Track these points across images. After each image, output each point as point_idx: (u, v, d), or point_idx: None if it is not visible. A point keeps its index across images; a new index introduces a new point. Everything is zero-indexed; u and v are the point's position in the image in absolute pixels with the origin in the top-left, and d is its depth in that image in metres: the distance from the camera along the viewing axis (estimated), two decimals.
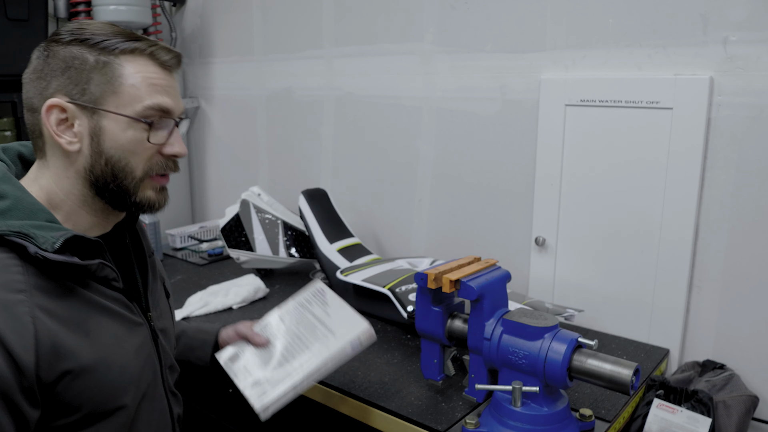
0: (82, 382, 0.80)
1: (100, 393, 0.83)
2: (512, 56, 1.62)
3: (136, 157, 0.86)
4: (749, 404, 1.24)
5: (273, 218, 1.89)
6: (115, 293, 0.88)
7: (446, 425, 1.11)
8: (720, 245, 1.37)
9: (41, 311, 0.77)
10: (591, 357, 1.02)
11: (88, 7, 2.21)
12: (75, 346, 0.79)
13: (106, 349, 0.84)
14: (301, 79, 2.13)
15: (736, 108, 1.31)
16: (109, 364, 0.84)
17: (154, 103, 0.85)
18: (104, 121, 0.84)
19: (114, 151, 0.85)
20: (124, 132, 0.84)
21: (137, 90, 0.84)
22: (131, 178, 0.87)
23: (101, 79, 0.83)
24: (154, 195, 0.90)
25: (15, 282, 0.76)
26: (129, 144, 0.85)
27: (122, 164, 0.86)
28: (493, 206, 1.73)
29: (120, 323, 0.88)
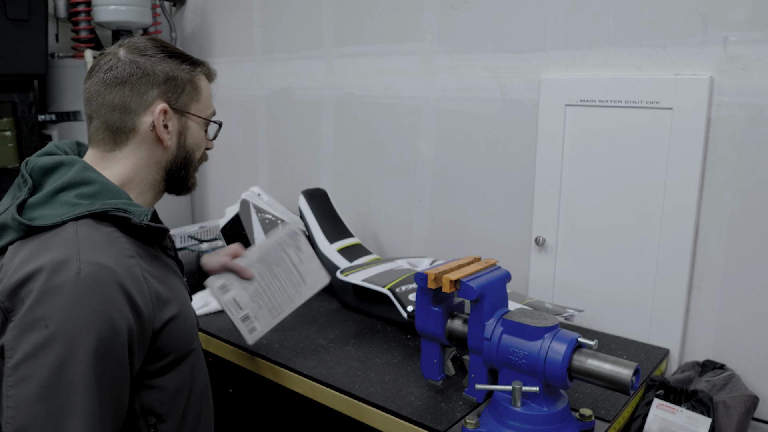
0: (175, 327, 0.95)
1: (183, 337, 0.98)
2: (512, 56, 1.62)
3: (199, 151, 1.09)
4: (749, 404, 1.24)
5: (273, 218, 1.89)
6: (169, 259, 1.04)
7: (446, 425, 1.11)
8: (720, 245, 1.37)
9: (146, 272, 0.92)
10: (591, 357, 1.02)
11: (88, 7, 2.21)
12: (168, 297, 0.95)
13: (182, 300, 1.00)
14: (301, 79, 2.13)
15: (736, 108, 1.31)
16: (186, 313, 1.00)
17: (213, 109, 1.10)
18: (189, 123, 1.05)
19: (192, 146, 1.06)
20: (199, 131, 1.07)
21: (208, 99, 1.08)
22: (194, 167, 1.09)
23: (190, 90, 1.04)
24: (195, 181, 1.12)
25: (126, 250, 0.90)
26: (201, 141, 1.08)
27: (193, 156, 1.07)
28: (493, 206, 1.73)
29: (179, 281, 1.05)
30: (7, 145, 2.11)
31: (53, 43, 2.29)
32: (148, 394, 0.93)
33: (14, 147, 2.12)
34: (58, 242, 0.85)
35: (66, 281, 0.81)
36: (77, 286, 0.81)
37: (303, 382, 1.29)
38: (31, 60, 2.07)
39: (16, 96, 2.09)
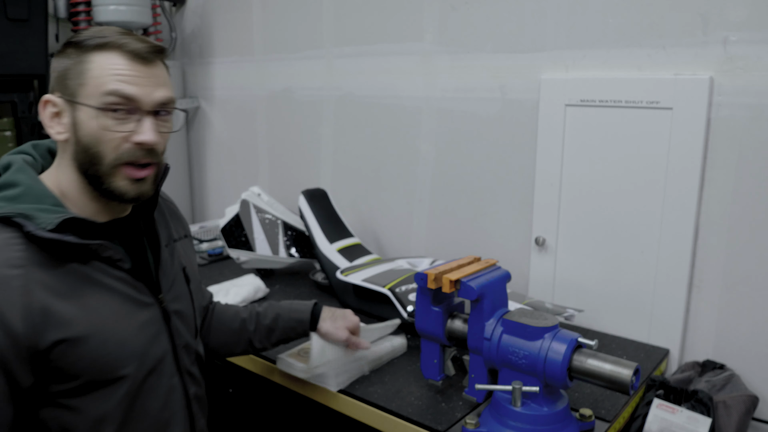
0: (77, 350, 0.88)
1: (98, 362, 0.90)
2: (512, 56, 1.62)
3: (105, 145, 0.91)
4: (749, 404, 1.24)
5: (273, 218, 1.89)
6: (120, 273, 0.95)
7: (446, 425, 1.11)
8: (720, 245, 1.37)
9: (37, 284, 0.85)
10: (591, 357, 1.02)
11: (88, 7, 2.21)
12: (69, 317, 0.87)
13: (103, 322, 0.91)
14: (301, 79, 2.13)
15: (736, 108, 1.31)
16: (106, 336, 0.90)
17: (112, 89, 0.90)
18: (79, 112, 0.91)
19: (87, 139, 0.91)
20: (92, 121, 0.90)
21: (100, 80, 0.90)
22: (102, 165, 0.92)
23: (75, 74, 0.91)
24: (126, 185, 0.94)
25: (14, 258, 0.85)
26: (97, 132, 0.91)
27: (93, 151, 0.91)
28: (493, 206, 1.73)
29: (123, 301, 0.94)
30: (7, 145, 2.11)
31: (53, 43, 2.29)
32: (64, 414, 0.90)
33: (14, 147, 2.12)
34: None
35: None
36: None
37: (303, 383, 1.29)
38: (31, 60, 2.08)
39: (16, 96, 2.09)
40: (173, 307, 1.04)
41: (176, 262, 1.09)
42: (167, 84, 0.97)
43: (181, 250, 1.13)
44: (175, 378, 1.02)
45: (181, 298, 1.07)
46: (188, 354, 1.07)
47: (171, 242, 1.10)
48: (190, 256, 1.17)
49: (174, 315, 1.04)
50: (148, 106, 0.93)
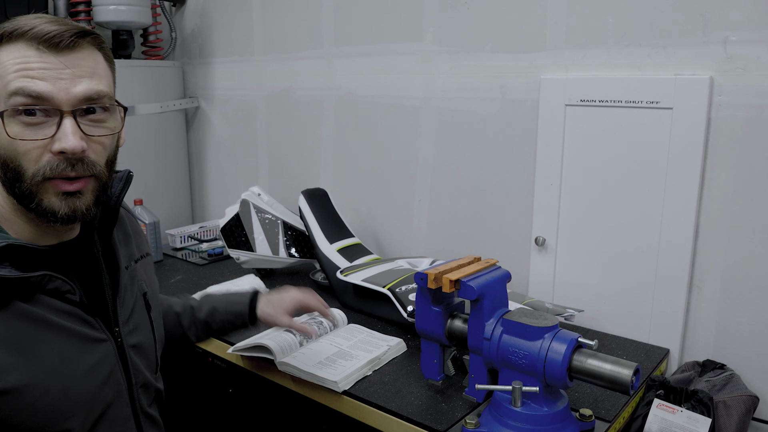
0: (11, 403, 0.75)
1: (36, 416, 0.77)
2: (512, 56, 1.62)
3: (23, 157, 0.74)
4: (749, 404, 1.24)
5: (273, 218, 1.89)
6: (69, 307, 0.81)
7: (446, 425, 1.11)
8: (720, 245, 1.37)
9: None
10: (591, 357, 1.02)
11: (88, 7, 2.21)
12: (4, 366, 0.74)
13: (46, 369, 0.78)
14: (301, 79, 2.13)
15: (736, 108, 1.31)
16: (47, 386, 0.77)
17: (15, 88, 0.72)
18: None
19: (4, 152, 0.75)
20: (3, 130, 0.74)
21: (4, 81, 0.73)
22: (24, 182, 0.76)
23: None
24: (56, 201, 0.77)
25: None
26: (10, 143, 0.74)
27: (13, 166, 0.75)
28: (493, 206, 1.73)
29: (71, 340, 0.81)
30: None
31: None
32: None
33: None
34: None
35: None
36: None
37: (303, 382, 1.29)
38: None
39: None
40: (131, 341, 0.91)
41: (136, 288, 0.95)
42: (96, 74, 0.78)
43: (143, 271, 0.99)
44: (129, 423, 0.90)
45: (141, 329, 0.94)
46: (146, 393, 0.94)
47: (131, 264, 0.96)
48: (151, 278, 1.03)
49: (131, 350, 0.91)
50: (68, 104, 0.75)
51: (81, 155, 0.76)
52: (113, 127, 0.82)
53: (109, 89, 0.81)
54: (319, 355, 1.32)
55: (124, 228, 0.98)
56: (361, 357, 1.31)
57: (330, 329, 1.46)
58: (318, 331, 1.43)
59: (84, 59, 0.77)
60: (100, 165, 0.80)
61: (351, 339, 1.41)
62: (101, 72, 0.80)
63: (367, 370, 1.29)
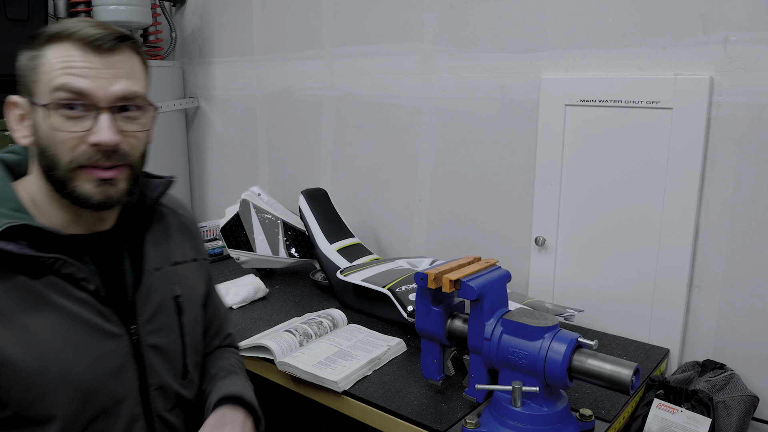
0: (7, 376, 0.78)
1: (29, 394, 0.79)
2: (512, 56, 1.62)
3: (60, 146, 0.81)
4: (749, 404, 1.24)
5: (273, 218, 1.89)
6: (84, 295, 0.84)
7: (446, 425, 1.11)
8: (720, 245, 1.37)
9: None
10: (591, 357, 1.02)
11: (88, 7, 2.21)
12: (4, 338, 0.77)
13: (45, 348, 0.80)
14: (301, 79, 2.13)
15: (736, 108, 1.31)
16: (44, 365, 0.79)
17: (59, 84, 0.80)
18: (36, 113, 0.83)
19: (44, 141, 0.82)
20: (45, 121, 0.81)
21: (50, 76, 0.81)
22: (59, 169, 0.82)
23: (30, 71, 0.83)
24: (90, 188, 0.83)
25: None
26: (50, 133, 0.81)
27: (50, 154, 0.82)
28: (493, 206, 1.73)
29: (79, 327, 0.83)
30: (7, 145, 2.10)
31: None
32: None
33: None
34: None
35: None
36: None
37: (303, 383, 1.29)
38: None
39: None
40: (150, 341, 0.90)
41: (166, 290, 0.95)
42: (132, 76, 0.85)
43: (183, 276, 0.99)
44: (138, 423, 0.89)
45: (165, 332, 0.93)
46: (164, 397, 0.92)
47: (166, 266, 0.97)
48: (194, 284, 1.02)
49: (150, 350, 0.90)
50: (105, 101, 0.82)
51: (115, 148, 0.83)
52: (145, 124, 0.88)
53: (144, 90, 0.88)
54: (319, 355, 1.32)
55: (167, 231, 1.00)
56: (361, 357, 1.31)
57: (330, 329, 1.46)
58: (318, 330, 1.43)
59: (123, 61, 0.84)
60: (134, 155, 0.87)
61: (351, 339, 1.41)
62: (137, 74, 0.87)
63: (367, 370, 1.29)
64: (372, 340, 1.40)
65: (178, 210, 1.05)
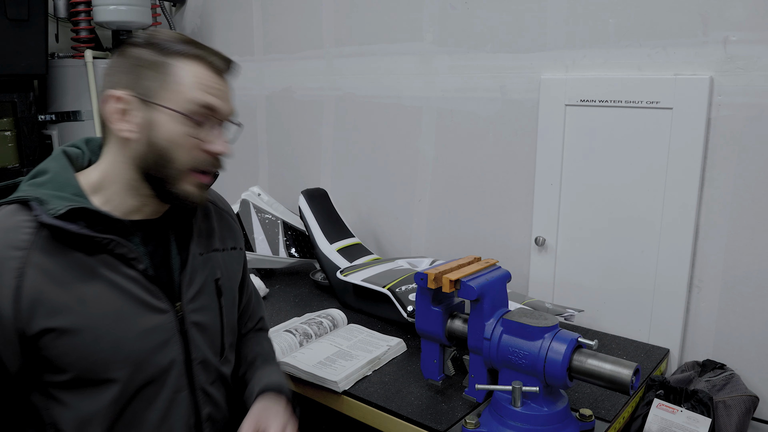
0: (66, 342, 0.86)
1: (87, 360, 0.87)
2: (512, 56, 1.62)
3: (180, 149, 0.92)
4: (749, 404, 1.24)
5: (273, 218, 1.89)
6: (134, 273, 0.92)
7: (446, 425, 1.11)
8: (720, 245, 1.37)
9: (35, 269, 0.84)
10: (591, 357, 1.02)
11: (88, 7, 2.21)
12: (63, 307, 0.85)
13: (100, 319, 0.88)
14: (301, 79, 2.13)
15: (736, 108, 1.31)
16: (99, 334, 0.88)
17: (200, 100, 0.93)
18: (156, 114, 0.91)
19: (162, 142, 0.91)
20: (172, 125, 0.91)
21: (187, 89, 0.92)
22: (172, 169, 0.92)
23: (154, 76, 0.91)
24: (192, 189, 0.95)
25: (19, 241, 0.85)
26: (176, 137, 0.91)
27: (165, 154, 0.92)
28: (493, 206, 1.73)
29: (129, 301, 0.91)
30: (7, 145, 2.11)
31: (53, 43, 2.29)
32: (53, 406, 0.90)
33: (14, 147, 2.12)
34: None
35: None
36: None
37: (303, 382, 1.29)
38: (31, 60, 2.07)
39: (16, 96, 2.09)
40: (194, 318, 0.98)
41: (208, 273, 1.03)
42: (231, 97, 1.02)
43: (223, 262, 1.08)
44: (182, 393, 0.96)
45: (207, 311, 1.02)
46: (206, 371, 1.00)
47: (210, 251, 1.05)
48: (233, 270, 1.11)
49: (193, 326, 0.98)
50: (222, 117, 0.97)
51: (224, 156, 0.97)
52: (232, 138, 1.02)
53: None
54: (319, 355, 1.32)
55: (210, 221, 1.10)
56: (361, 357, 1.31)
57: (330, 329, 1.46)
58: (318, 330, 1.43)
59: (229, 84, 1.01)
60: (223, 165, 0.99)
61: (351, 339, 1.41)
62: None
63: (367, 370, 1.29)
64: (372, 340, 1.40)
65: (219, 203, 1.15)
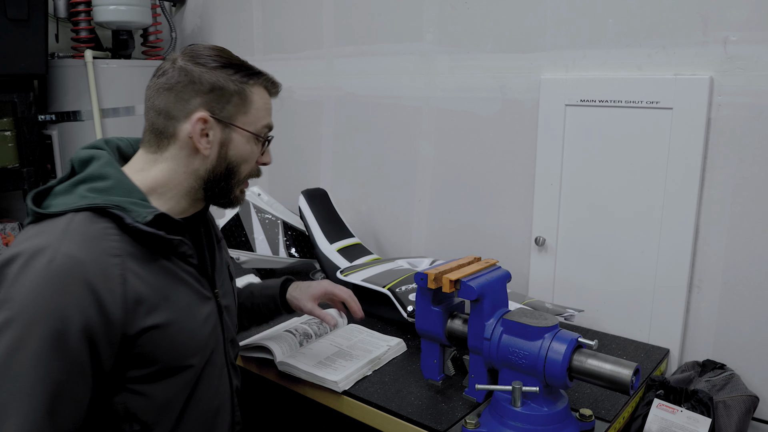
0: (160, 338, 0.94)
1: (174, 350, 0.96)
2: (512, 56, 1.62)
3: (246, 164, 1.07)
4: (749, 404, 1.24)
5: (273, 218, 1.89)
6: (190, 268, 1.01)
7: (446, 425, 1.11)
8: (720, 245, 1.37)
9: (131, 274, 0.90)
10: (591, 357, 1.02)
11: (88, 7, 2.21)
12: (157, 306, 0.93)
13: (181, 313, 0.97)
14: (301, 79, 2.13)
15: (736, 108, 1.31)
16: (182, 326, 0.97)
17: (267, 123, 1.09)
18: (233, 134, 1.03)
19: (235, 159, 1.04)
20: (246, 144, 1.05)
21: (259, 113, 1.07)
22: (236, 181, 1.06)
23: (238, 102, 1.03)
24: (241, 196, 1.10)
25: (113, 248, 0.90)
26: (248, 154, 1.06)
27: (235, 168, 1.05)
28: (493, 206, 1.73)
29: (193, 294, 1.01)
30: (7, 145, 2.10)
31: (53, 43, 2.29)
32: (132, 399, 0.94)
33: (14, 147, 2.12)
34: (48, 230, 0.88)
35: (38, 268, 0.83)
36: (45, 275, 0.83)
37: (303, 383, 1.29)
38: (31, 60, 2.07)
39: (16, 96, 2.09)
40: (224, 302, 1.11)
41: (224, 260, 1.18)
42: None
43: (225, 248, 1.23)
44: (224, 369, 1.09)
45: (229, 294, 1.16)
46: (233, 348, 1.15)
47: (219, 241, 1.19)
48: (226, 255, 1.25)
49: (225, 310, 1.11)
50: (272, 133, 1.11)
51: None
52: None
53: None
54: (319, 355, 1.32)
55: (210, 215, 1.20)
56: (361, 357, 1.31)
57: (330, 329, 1.46)
58: (318, 330, 1.43)
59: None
60: None
61: (351, 339, 1.41)
62: None
63: (367, 370, 1.29)
64: (372, 340, 1.40)
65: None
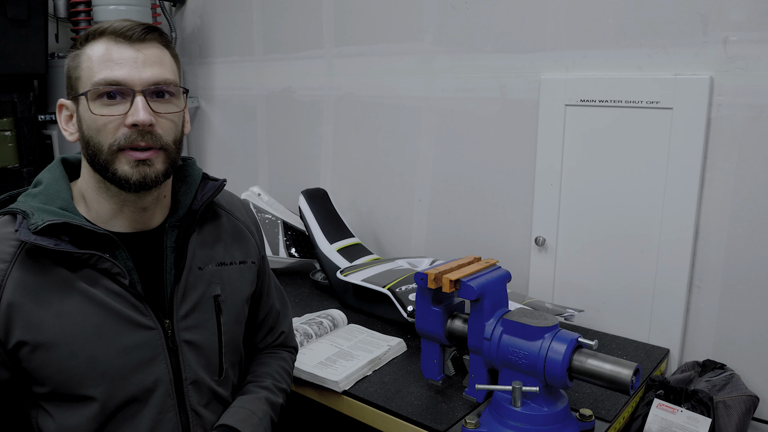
0: (41, 356, 0.86)
1: (62, 374, 0.87)
2: (512, 56, 1.62)
3: (102, 133, 0.89)
4: (749, 404, 1.24)
5: (273, 218, 1.89)
6: (118, 288, 0.90)
7: (446, 425, 1.11)
8: (720, 245, 1.37)
9: (15, 283, 0.85)
10: (591, 357, 1.02)
11: (88, 7, 2.21)
12: (39, 321, 0.86)
13: (76, 335, 0.87)
14: (301, 79, 2.13)
15: (736, 108, 1.31)
16: (75, 349, 0.87)
17: (100, 78, 0.88)
18: (80, 107, 0.91)
19: (88, 131, 0.90)
20: (87, 111, 0.89)
21: (91, 71, 0.89)
22: (102, 153, 0.89)
23: (73, 71, 0.91)
24: (128, 169, 0.89)
25: (3, 254, 0.86)
26: (92, 121, 0.89)
27: (94, 142, 0.89)
28: (493, 206, 1.73)
29: (110, 317, 0.89)
30: (7, 145, 2.10)
31: (53, 43, 2.29)
32: (42, 416, 0.91)
33: (14, 147, 2.12)
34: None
35: None
36: None
37: (303, 382, 1.29)
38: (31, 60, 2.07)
39: (16, 96, 2.09)
40: (185, 336, 0.95)
41: (206, 289, 0.99)
42: (162, 64, 0.92)
43: (227, 276, 1.02)
44: (170, 414, 0.93)
45: (202, 329, 0.97)
46: (199, 392, 0.96)
47: (211, 265, 1.00)
48: (239, 285, 1.05)
49: (185, 344, 0.95)
50: (139, 86, 0.88)
51: (150, 128, 0.89)
52: (178, 106, 0.94)
53: (174, 77, 0.94)
54: (319, 355, 1.32)
55: (218, 232, 1.04)
56: (362, 357, 1.31)
57: (330, 329, 1.46)
58: (318, 330, 1.43)
59: (152, 50, 0.91)
60: (168, 139, 0.92)
61: (351, 339, 1.41)
62: (167, 63, 0.93)
63: (368, 370, 1.29)
64: (372, 340, 1.40)
65: (235, 213, 1.10)
